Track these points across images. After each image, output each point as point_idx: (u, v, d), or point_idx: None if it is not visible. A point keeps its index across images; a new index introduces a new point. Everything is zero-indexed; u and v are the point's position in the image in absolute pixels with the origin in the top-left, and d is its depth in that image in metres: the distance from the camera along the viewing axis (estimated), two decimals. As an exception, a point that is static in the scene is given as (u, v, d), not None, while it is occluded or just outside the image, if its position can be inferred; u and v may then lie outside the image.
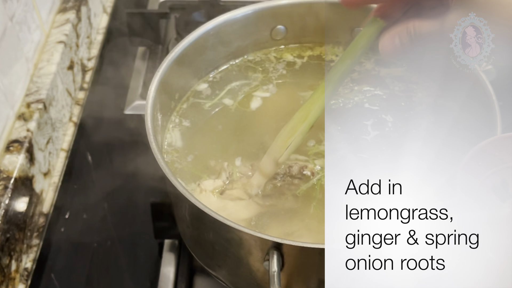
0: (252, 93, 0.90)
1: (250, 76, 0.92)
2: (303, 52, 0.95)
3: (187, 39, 0.85)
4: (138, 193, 0.97)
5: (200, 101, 0.89)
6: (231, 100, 0.89)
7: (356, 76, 0.91)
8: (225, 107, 0.89)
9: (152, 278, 0.87)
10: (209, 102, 0.89)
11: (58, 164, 1.00)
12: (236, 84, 0.91)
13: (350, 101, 0.88)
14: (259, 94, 0.90)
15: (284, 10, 0.91)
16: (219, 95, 0.90)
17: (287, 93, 0.91)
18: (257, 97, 0.90)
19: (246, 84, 0.91)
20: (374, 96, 0.89)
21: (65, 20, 1.07)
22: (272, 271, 0.65)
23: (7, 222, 0.82)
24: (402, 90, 0.89)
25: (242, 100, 0.89)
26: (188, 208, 0.74)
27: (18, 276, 0.85)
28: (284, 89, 0.91)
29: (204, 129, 0.86)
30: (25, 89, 0.95)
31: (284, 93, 0.91)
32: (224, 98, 0.90)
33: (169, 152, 0.83)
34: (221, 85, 0.91)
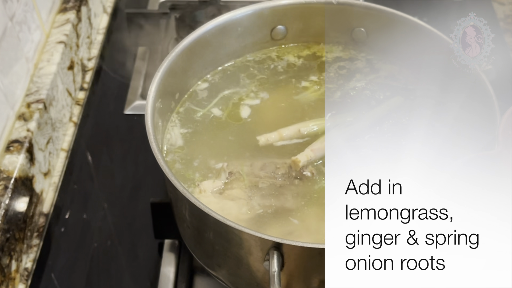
0: (252, 94, 0.90)
1: (250, 76, 0.92)
2: (301, 52, 0.95)
3: (187, 40, 0.86)
4: (138, 193, 0.97)
5: (199, 102, 0.89)
6: (231, 100, 0.89)
7: (356, 76, 0.92)
8: (224, 107, 0.89)
9: (152, 278, 0.87)
10: (209, 102, 0.89)
11: (58, 164, 1.00)
12: (236, 85, 0.91)
13: (350, 101, 0.88)
14: (259, 94, 0.90)
15: (284, 10, 0.91)
16: (219, 95, 0.90)
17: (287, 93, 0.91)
18: (257, 97, 0.90)
19: (246, 84, 0.91)
20: (374, 96, 0.89)
21: (65, 20, 1.07)
22: (272, 271, 0.65)
23: (7, 222, 0.82)
24: (402, 90, 0.89)
25: (242, 100, 0.90)
26: (188, 208, 0.74)
27: (18, 276, 0.85)
28: (284, 90, 0.91)
29: (204, 129, 0.86)
30: (25, 89, 0.96)
31: (284, 94, 0.91)
32: (223, 98, 0.90)
33: (169, 152, 0.83)
34: (221, 85, 0.91)
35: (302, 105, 0.89)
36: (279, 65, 0.94)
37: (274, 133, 0.84)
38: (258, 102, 0.89)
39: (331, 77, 0.92)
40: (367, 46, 0.93)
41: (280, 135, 0.83)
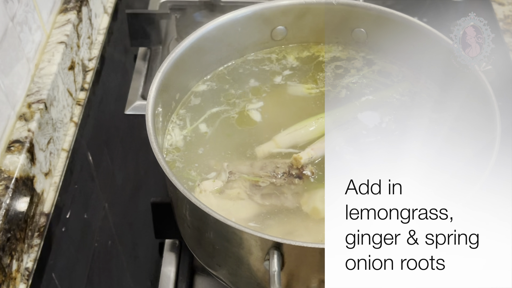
0: (252, 94, 0.90)
1: (251, 76, 0.92)
2: (301, 53, 0.95)
3: (188, 40, 0.86)
4: (139, 192, 0.97)
5: (199, 102, 0.89)
6: (231, 100, 0.90)
7: (356, 76, 0.92)
8: (225, 107, 0.89)
9: (153, 277, 0.87)
10: (209, 102, 0.89)
11: (59, 164, 1.00)
12: (237, 85, 0.91)
13: (350, 101, 0.88)
14: (260, 94, 0.90)
15: (284, 10, 0.91)
16: (219, 96, 0.90)
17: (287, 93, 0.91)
18: (258, 98, 0.90)
19: (247, 85, 0.91)
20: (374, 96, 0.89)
21: (66, 21, 1.07)
22: (272, 271, 0.66)
23: (8, 222, 0.82)
24: (403, 90, 0.90)
25: (243, 101, 0.90)
26: (189, 208, 0.74)
27: (19, 276, 0.86)
28: (284, 90, 0.91)
29: (204, 129, 0.86)
30: (26, 89, 0.96)
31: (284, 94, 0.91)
32: (224, 99, 0.90)
33: (170, 152, 0.83)
34: (221, 86, 0.91)
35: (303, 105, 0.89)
36: (279, 65, 0.94)
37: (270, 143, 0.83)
38: (259, 102, 0.89)
39: (330, 77, 0.92)
40: (367, 46, 0.93)
41: (277, 144, 0.83)
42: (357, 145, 0.82)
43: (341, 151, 0.81)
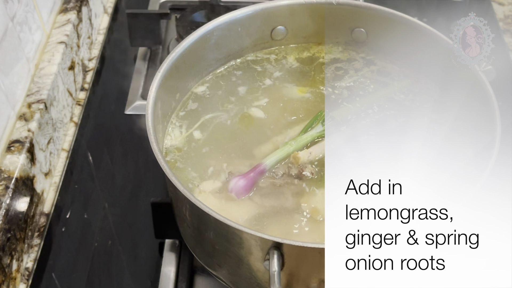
0: (252, 94, 0.90)
1: (251, 76, 0.92)
2: (301, 53, 0.95)
3: (188, 40, 0.86)
4: (139, 192, 0.97)
5: (200, 102, 0.89)
6: (231, 101, 0.90)
7: (356, 77, 0.92)
8: (224, 108, 0.89)
9: (153, 277, 0.87)
10: (209, 102, 0.89)
11: (59, 164, 1.00)
12: (237, 85, 0.91)
13: (350, 101, 0.88)
14: (260, 94, 0.90)
15: (284, 10, 0.91)
16: (220, 96, 0.90)
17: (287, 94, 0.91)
18: (258, 98, 0.90)
19: (247, 85, 0.91)
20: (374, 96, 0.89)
21: (66, 21, 1.07)
22: (272, 271, 0.66)
23: (8, 222, 0.82)
24: (403, 90, 0.90)
25: (243, 101, 0.90)
26: (189, 208, 0.74)
27: (19, 276, 0.86)
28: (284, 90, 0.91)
29: (204, 129, 0.86)
30: (26, 89, 0.96)
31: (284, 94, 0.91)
32: (224, 98, 0.90)
33: (170, 152, 0.83)
34: (221, 86, 0.91)
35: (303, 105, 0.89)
36: (279, 66, 0.94)
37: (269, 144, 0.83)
38: (259, 102, 0.89)
39: (330, 78, 0.92)
40: (367, 47, 0.93)
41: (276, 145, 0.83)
42: (357, 145, 0.82)
43: (341, 151, 0.81)
